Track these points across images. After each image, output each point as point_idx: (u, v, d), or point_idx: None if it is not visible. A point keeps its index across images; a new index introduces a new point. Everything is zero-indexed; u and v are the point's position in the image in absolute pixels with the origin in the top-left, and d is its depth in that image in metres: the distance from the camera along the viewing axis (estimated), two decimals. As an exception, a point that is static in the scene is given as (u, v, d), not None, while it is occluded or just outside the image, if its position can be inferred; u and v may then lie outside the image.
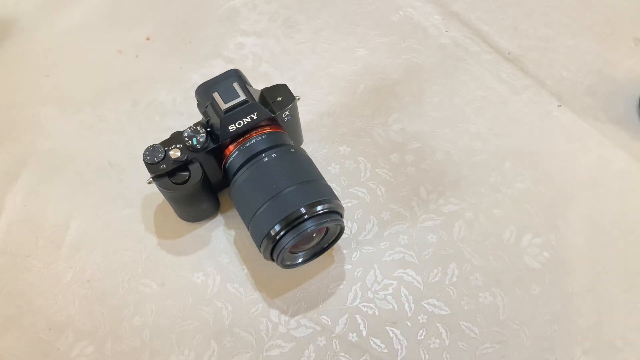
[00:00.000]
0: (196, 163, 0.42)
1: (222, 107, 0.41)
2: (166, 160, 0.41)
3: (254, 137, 0.42)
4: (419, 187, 0.49)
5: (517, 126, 0.52)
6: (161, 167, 0.41)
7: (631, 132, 0.51)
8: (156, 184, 0.42)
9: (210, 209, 0.47)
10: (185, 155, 0.42)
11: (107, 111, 0.54)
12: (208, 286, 0.45)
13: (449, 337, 0.42)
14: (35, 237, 0.47)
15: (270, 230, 0.38)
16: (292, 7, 0.62)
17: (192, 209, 0.46)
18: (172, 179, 0.42)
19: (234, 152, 0.42)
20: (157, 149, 0.42)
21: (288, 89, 0.45)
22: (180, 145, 0.42)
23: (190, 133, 0.42)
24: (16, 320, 0.43)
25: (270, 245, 0.39)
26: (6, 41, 0.60)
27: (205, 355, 0.42)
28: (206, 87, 0.44)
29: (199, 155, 0.42)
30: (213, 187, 0.46)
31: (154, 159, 0.41)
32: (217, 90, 0.42)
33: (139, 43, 0.60)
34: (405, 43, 0.59)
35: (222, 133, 0.42)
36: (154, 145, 0.42)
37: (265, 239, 0.39)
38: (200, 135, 0.42)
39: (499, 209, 0.47)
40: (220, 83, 0.43)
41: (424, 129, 0.52)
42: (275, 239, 0.39)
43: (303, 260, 0.43)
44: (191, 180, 0.42)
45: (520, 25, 0.59)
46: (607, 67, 0.56)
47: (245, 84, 0.44)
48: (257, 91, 0.44)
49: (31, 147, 0.52)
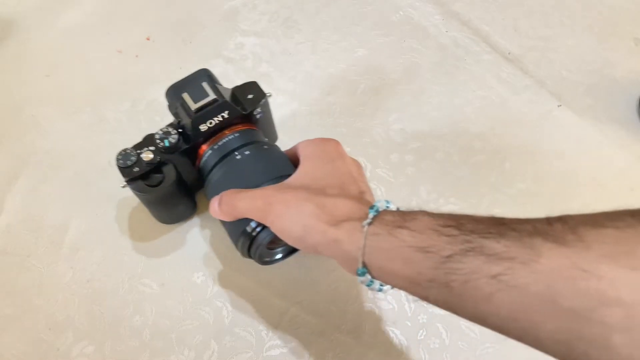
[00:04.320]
0: (170, 164, 0.42)
1: (192, 107, 0.41)
2: (139, 163, 0.41)
3: (226, 136, 0.42)
4: (419, 187, 0.49)
5: (517, 126, 0.52)
6: (134, 170, 0.41)
7: (631, 132, 0.51)
8: (130, 188, 0.42)
9: (188, 211, 0.47)
10: (158, 157, 0.41)
11: (107, 111, 0.54)
12: (208, 286, 0.45)
13: (449, 337, 0.42)
14: (35, 237, 0.47)
15: (246, 227, 0.38)
16: (292, 7, 0.62)
17: (169, 211, 0.46)
18: (146, 181, 0.42)
19: (207, 152, 0.42)
20: (130, 153, 0.41)
21: (259, 86, 0.45)
22: (152, 148, 0.42)
23: (162, 135, 0.42)
24: (16, 320, 0.43)
25: (247, 243, 0.39)
26: (6, 41, 0.60)
27: (205, 355, 0.42)
28: (175, 88, 0.43)
29: (172, 157, 0.42)
30: (189, 188, 0.46)
31: (126, 163, 0.41)
32: (187, 90, 0.42)
33: (139, 43, 0.60)
34: (405, 43, 0.59)
35: (193, 133, 0.42)
36: (127, 149, 0.42)
37: (241, 237, 0.39)
38: (172, 136, 0.41)
39: (499, 209, 0.47)
40: (189, 83, 0.43)
41: (424, 129, 0.52)
42: (251, 235, 0.38)
43: (282, 256, 0.43)
44: (165, 182, 0.42)
45: (520, 25, 0.59)
46: (607, 67, 0.56)
47: (215, 83, 0.44)
48: (228, 90, 0.44)
49: (31, 147, 0.52)
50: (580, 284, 0.22)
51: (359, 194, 0.35)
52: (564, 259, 0.23)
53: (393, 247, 0.29)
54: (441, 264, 0.27)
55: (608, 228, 0.23)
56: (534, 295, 0.23)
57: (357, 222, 0.31)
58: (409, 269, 0.28)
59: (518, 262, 0.24)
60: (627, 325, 0.21)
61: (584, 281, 0.22)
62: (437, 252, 0.27)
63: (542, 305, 0.23)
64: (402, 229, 0.29)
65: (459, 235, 0.27)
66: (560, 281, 0.23)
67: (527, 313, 0.24)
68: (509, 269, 0.24)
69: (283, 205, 0.34)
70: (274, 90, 0.55)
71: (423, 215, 0.30)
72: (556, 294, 0.23)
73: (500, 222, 0.27)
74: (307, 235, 0.33)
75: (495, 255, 0.25)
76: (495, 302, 0.25)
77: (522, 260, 0.24)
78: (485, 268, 0.25)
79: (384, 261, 0.30)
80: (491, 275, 0.25)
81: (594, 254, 0.22)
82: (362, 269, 0.31)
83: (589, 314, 0.22)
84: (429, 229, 0.28)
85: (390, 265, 0.30)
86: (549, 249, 0.24)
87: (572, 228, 0.24)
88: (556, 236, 0.24)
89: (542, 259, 0.23)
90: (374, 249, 0.30)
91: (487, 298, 0.25)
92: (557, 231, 0.24)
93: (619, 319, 0.21)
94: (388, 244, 0.29)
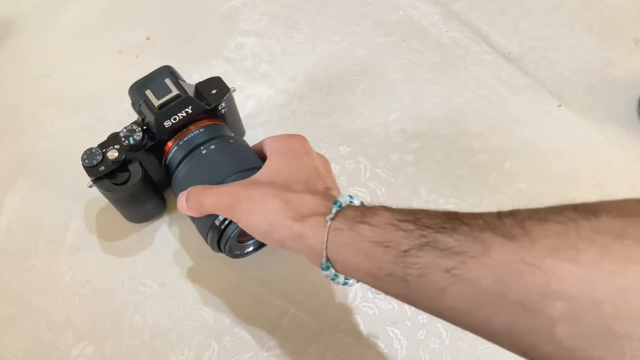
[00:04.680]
0: (135, 162, 0.42)
1: (155, 104, 0.41)
2: (104, 162, 0.41)
3: (192, 131, 0.42)
4: (419, 187, 0.49)
5: (517, 126, 0.52)
6: (100, 170, 0.41)
7: (631, 132, 0.51)
8: (97, 187, 0.42)
9: (157, 209, 0.47)
10: (123, 155, 0.41)
11: (107, 111, 0.54)
12: (208, 286, 0.45)
13: (449, 337, 0.42)
14: (35, 237, 0.47)
15: (214, 221, 0.38)
16: (292, 7, 0.62)
17: (137, 209, 0.46)
18: (113, 180, 0.42)
19: (172, 148, 0.43)
20: (95, 152, 0.41)
21: (222, 81, 0.45)
22: (117, 146, 0.42)
23: (127, 133, 0.42)
24: (16, 320, 0.43)
25: (216, 237, 0.39)
26: (6, 41, 0.60)
27: (205, 355, 0.42)
28: (138, 85, 0.43)
29: (137, 154, 0.42)
30: (157, 186, 0.46)
31: (92, 162, 0.41)
32: (150, 87, 0.42)
33: (139, 43, 0.60)
34: (405, 43, 0.59)
35: (158, 130, 0.42)
36: (92, 148, 0.42)
37: (210, 231, 0.39)
38: (136, 134, 0.42)
39: (499, 209, 0.47)
40: (152, 80, 0.43)
41: (424, 129, 0.52)
42: (220, 228, 0.38)
43: (254, 249, 0.43)
44: (131, 180, 0.42)
45: (520, 25, 0.59)
46: (607, 67, 0.56)
47: (178, 79, 0.44)
48: (192, 86, 0.45)
49: (31, 147, 0.52)
50: (526, 278, 0.23)
51: (324, 190, 0.35)
52: (511, 253, 0.23)
53: (354, 241, 0.30)
54: (399, 258, 0.27)
55: (552, 222, 0.23)
56: (485, 288, 0.24)
57: (321, 218, 0.32)
58: (369, 263, 0.29)
59: (469, 256, 0.25)
60: (570, 318, 0.22)
61: (529, 275, 0.23)
62: (395, 246, 0.28)
63: (492, 299, 0.24)
64: (362, 223, 0.30)
65: (415, 230, 0.27)
66: (508, 275, 0.23)
67: (478, 306, 0.25)
68: (461, 262, 0.25)
69: (249, 202, 0.35)
70: (274, 90, 0.56)
71: (383, 210, 0.30)
72: (505, 287, 0.23)
73: (454, 216, 0.27)
74: (273, 230, 0.34)
75: (448, 250, 0.25)
76: (450, 296, 0.25)
77: (473, 255, 0.25)
78: (440, 262, 0.26)
79: (346, 255, 0.30)
80: (445, 269, 0.25)
81: (538, 248, 0.23)
82: (326, 263, 0.31)
83: (534, 306, 0.22)
84: (388, 223, 0.29)
85: (352, 259, 0.30)
86: (498, 244, 0.24)
87: (520, 222, 0.24)
88: (505, 230, 0.24)
89: (491, 253, 0.24)
90: (337, 244, 0.31)
91: (441, 291, 0.26)
92: (507, 225, 0.25)
93: (562, 312, 0.22)
94: (349, 239, 0.30)
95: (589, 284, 0.21)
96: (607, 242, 0.22)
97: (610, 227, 0.22)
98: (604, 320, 0.21)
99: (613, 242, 0.22)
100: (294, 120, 0.53)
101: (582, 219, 0.23)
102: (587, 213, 0.23)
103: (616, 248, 0.21)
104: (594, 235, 0.22)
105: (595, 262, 0.21)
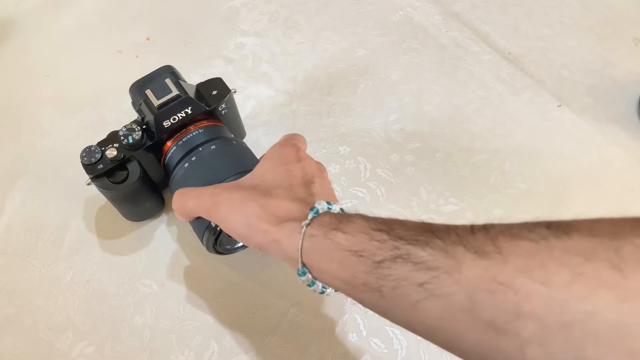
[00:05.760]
0: (134, 161, 0.42)
1: (155, 104, 0.41)
2: (103, 160, 0.41)
3: (191, 132, 0.42)
4: (419, 187, 0.49)
5: (517, 126, 0.52)
6: (98, 168, 0.41)
7: (631, 132, 0.51)
8: (95, 185, 0.42)
9: (155, 208, 0.47)
10: (122, 154, 0.41)
11: (107, 111, 0.54)
12: (208, 286, 0.45)
13: (449, 337, 0.42)
14: (35, 237, 0.47)
15: (210, 222, 0.38)
16: (292, 7, 0.62)
17: (135, 208, 0.46)
18: (111, 178, 0.42)
19: (172, 148, 0.43)
20: (94, 150, 0.41)
21: (223, 82, 0.45)
22: (116, 145, 0.42)
23: (126, 131, 0.42)
24: (16, 320, 0.43)
25: (212, 238, 0.39)
26: (6, 41, 0.60)
27: (205, 355, 0.42)
28: (139, 84, 0.43)
29: (136, 153, 0.42)
30: (156, 185, 0.46)
31: (91, 160, 0.41)
32: (150, 87, 0.42)
33: (139, 43, 0.60)
34: (405, 43, 0.59)
35: (157, 129, 0.42)
36: (91, 146, 0.42)
37: (206, 231, 0.39)
38: (135, 133, 0.42)
39: (499, 209, 0.47)
40: (152, 80, 0.43)
41: (424, 129, 0.52)
42: (215, 230, 0.38)
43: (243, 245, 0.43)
44: (129, 179, 0.42)
45: (520, 25, 0.59)
46: (607, 67, 0.56)
47: (179, 79, 0.44)
48: (192, 86, 0.45)
49: (31, 147, 0.52)
50: (498, 297, 0.22)
51: (306, 196, 0.35)
52: (483, 271, 0.23)
53: (329, 249, 0.29)
54: (373, 269, 0.27)
55: (524, 240, 0.23)
56: (457, 305, 0.24)
57: (296, 223, 0.32)
58: (344, 271, 0.29)
59: (442, 271, 0.24)
60: (541, 340, 0.21)
61: (501, 294, 0.22)
62: (369, 257, 0.27)
63: (464, 316, 0.24)
64: (337, 231, 0.30)
65: (388, 241, 0.27)
66: (479, 293, 0.23)
67: (450, 323, 0.24)
68: (434, 277, 0.25)
69: (228, 205, 0.35)
70: (274, 90, 0.56)
71: (358, 219, 0.30)
72: (476, 305, 0.23)
73: (428, 229, 0.27)
74: (250, 234, 0.34)
75: (422, 264, 0.25)
76: (422, 310, 0.25)
77: (446, 270, 0.24)
78: (413, 276, 0.25)
79: (321, 262, 0.30)
80: (418, 283, 0.25)
81: (510, 267, 0.23)
82: (302, 269, 0.31)
83: (506, 326, 0.22)
84: (361, 232, 0.29)
85: (327, 266, 0.30)
86: (470, 260, 0.24)
87: (492, 238, 0.24)
88: (477, 247, 0.24)
89: (463, 270, 0.24)
90: (312, 250, 0.30)
91: (414, 306, 0.25)
92: (479, 241, 0.24)
93: (533, 333, 0.21)
94: (324, 246, 0.30)
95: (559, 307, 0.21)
96: (577, 264, 0.21)
97: (581, 247, 0.22)
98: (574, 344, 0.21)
99: (584, 263, 0.21)
100: (294, 120, 0.53)
101: (553, 238, 0.23)
102: (559, 231, 0.23)
103: (587, 270, 0.21)
104: (565, 256, 0.22)
105: (566, 284, 0.21)
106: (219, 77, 0.45)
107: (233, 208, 0.35)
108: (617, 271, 0.21)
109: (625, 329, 0.20)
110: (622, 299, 0.20)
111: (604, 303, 0.20)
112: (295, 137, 0.41)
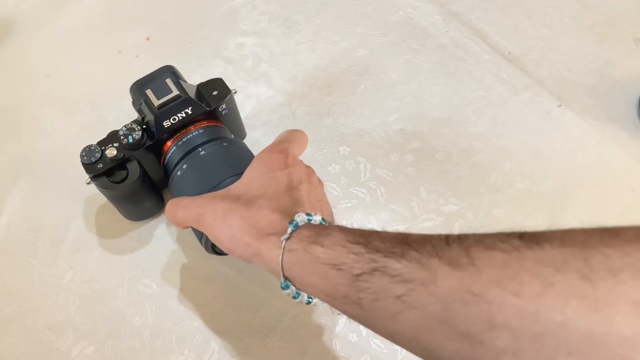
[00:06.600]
0: (134, 161, 0.42)
1: (155, 104, 0.41)
2: (103, 159, 0.41)
3: (191, 132, 0.42)
4: (419, 187, 0.49)
5: (517, 126, 0.52)
6: (98, 167, 0.41)
7: (631, 132, 0.51)
8: (95, 184, 0.42)
9: (155, 207, 0.47)
10: (122, 153, 0.42)
11: (107, 111, 0.54)
12: (208, 286, 0.45)
13: (449, 337, 0.42)
14: (35, 237, 0.47)
15: None
16: (292, 7, 0.62)
17: (135, 208, 0.46)
18: (110, 178, 0.42)
19: (171, 148, 0.43)
20: (94, 149, 0.41)
21: (224, 82, 0.45)
22: (116, 144, 0.42)
23: (126, 131, 0.42)
24: (16, 320, 0.43)
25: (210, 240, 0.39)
26: (6, 41, 0.60)
27: (205, 355, 0.42)
28: (139, 84, 0.43)
29: (136, 153, 0.42)
30: (156, 185, 0.46)
31: (90, 159, 0.41)
32: (150, 87, 0.42)
33: (139, 43, 0.60)
34: (405, 43, 0.59)
35: (157, 129, 0.42)
36: (91, 145, 0.42)
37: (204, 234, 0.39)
38: (135, 132, 0.42)
39: (499, 209, 0.47)
40: (153, 80, 0.43)
41: (424, 129, 0.52)
42: None
43: None
44: (129, 178, 0.42)
45: (520, 25, 0.59)
46: (607, 67, 0.56)
47: (179, 79, 0.44)
48: (193, 86, 0.45)
49: (31, 147, 0.52)
50: (472, 308, 0.23)
51: (289, 206, 0.34)
52: (457, 283, 0.23)
53: (309, 262, 0.30)
54: (352, 282, 0.27)
55: (497, 251, 0.23)
56: (433, 316, 0.24)
57: (277, 238, 0.32)
58: (325, 284, 0.29)
59: (418, 283, 0.25)
60: (514, 350, 0.22)
61: (475, 305, 0.23)
62: (347, 270, 0.28)
63: (440, 327, 0.24)
64: (316, 245, 0.30)
65: (365, 254, 0.27)
66: (454, 304, 0.23)
67: (428, 334, 0.25)
68: (411, 290, 0.25)
69: (212, 217, 0.35)
70: (274, 90, 0.56)
71: (336, 231, 0.30)
72: (452, 316, 0.23)
73: (404, 240, 0.27)
74: (233, 247, 0.34)
75: (398, 276, 0.25)
76: (401, 322, 0.25)
77: (422, 282, 0.25)
78: (391, 288, 0.26)
79: (303, 275, 0.30)
80: (396, 295, 0.25)
81: (483, 278, 0.23)
82: (285, 282, 0.31)
83: (480, 336, 0.22)
84: (339, 245, 0.29)
85: (309, 279, 0.30)
86: (445, 272, 0.24)
87: (466, 249, 0.24)
88: (451, 258, 0.24)
89: (438, 282, 0.24)
90: (293, 264, 0.30)
91: (393, 317, 0.26)
92: (453, 252, 0.25)
93: (507, 343, 0.22)
94: (304, 260, 0.30)
95: (530, 317, 0.21)
96: (548, 274, 0.21)
97: (552, 257, 0.22)
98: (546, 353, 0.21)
99: (555, 274, 0.21)
100: (294, 120, 0.53)
101: (525, 248, 0.23)
102: (531, 242, 0.23)
103: (557, 281, 0.21)
104: (537, 267, 0.22)
105: (537, 295, 0.21)
106: (220, 78, 0.45)
107: (217, 220, 0.35)
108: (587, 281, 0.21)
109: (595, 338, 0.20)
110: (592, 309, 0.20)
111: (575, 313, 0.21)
112: (289, 137, 0.41)
